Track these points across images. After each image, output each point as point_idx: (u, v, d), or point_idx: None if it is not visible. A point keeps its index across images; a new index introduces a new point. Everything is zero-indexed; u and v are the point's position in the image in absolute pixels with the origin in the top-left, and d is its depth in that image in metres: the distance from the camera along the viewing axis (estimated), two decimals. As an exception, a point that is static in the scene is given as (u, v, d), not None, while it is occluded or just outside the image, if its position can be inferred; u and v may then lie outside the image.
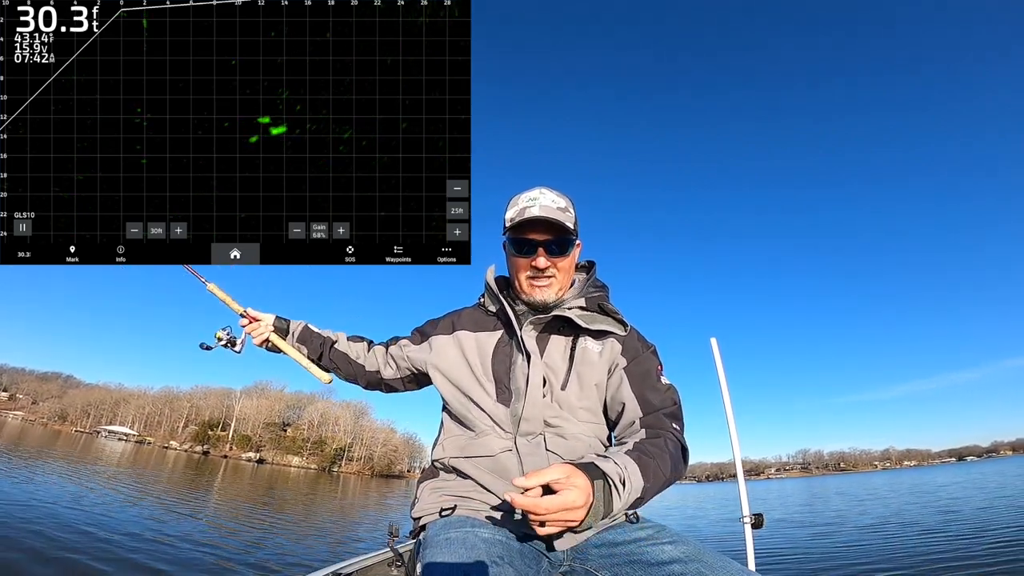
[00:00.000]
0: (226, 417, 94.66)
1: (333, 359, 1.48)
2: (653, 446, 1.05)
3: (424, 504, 1.18)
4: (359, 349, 1.49)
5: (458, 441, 1.20)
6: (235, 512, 12.85)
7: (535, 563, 1.02)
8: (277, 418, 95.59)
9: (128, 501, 11.57)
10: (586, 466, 0.90)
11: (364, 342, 1.51)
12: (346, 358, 1.48)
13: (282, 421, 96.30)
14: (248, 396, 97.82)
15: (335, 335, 1.50)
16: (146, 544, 6.93)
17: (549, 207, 1.20)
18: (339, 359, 1.48)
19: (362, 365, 1.47)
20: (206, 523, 10.21)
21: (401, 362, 1.43)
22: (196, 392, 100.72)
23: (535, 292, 1.23)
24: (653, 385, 1.19)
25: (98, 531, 7.36)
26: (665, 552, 1.01)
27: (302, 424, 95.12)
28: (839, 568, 6.35)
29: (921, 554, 6.76)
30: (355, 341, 1.50)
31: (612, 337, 1.22)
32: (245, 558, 6.93)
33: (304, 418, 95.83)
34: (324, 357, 1.48)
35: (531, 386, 1.15)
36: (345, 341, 1.49)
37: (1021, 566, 5.75)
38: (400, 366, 1.44)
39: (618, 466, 0.93)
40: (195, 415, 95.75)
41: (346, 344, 1.49)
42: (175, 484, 18.54)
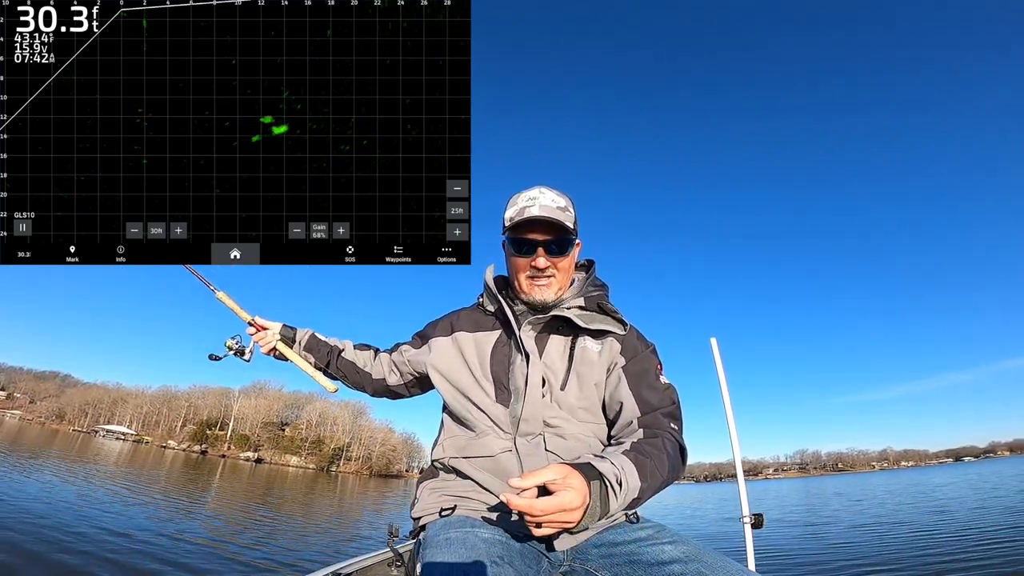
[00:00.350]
0: (224, 417, 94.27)
1: (340, 368, 1.48)
2: (651, 446, 1.04)
3: (424, 504, 1.18)
4: (366, 357, 1.49)
5: (458, 441, 1.20)
6: (233, 511, 12.78)
7: (535, 563, 1.03)
8: (275, 417, 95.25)
9: (125, 501, 11.53)
10: (582, 466, 0.89)
11: (371, 350, 1.51)
12: (353, 366, 1.48)
13: (280, 421, 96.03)
14: (246, 396, 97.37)
15: (342, 343, 1.50)
16: (143, 545, 6.90)
17: (549, 207, 1.20)
18: (346, 368, 1.48)
19: (368, 373, 1.47)
20: (202, 523, 10.17)
21: (403, 367, 1.44)
22: (194, 392, 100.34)
23: (534, 292, 1.22)
24: (651, 384, 1.19)
25: (93, 531, 7.32)
26: (665, 552, 1.01)
27: (300, 424, 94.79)
28: (839, 568, 6.36)
29: (918, 554, 6.78)
30: (362, 349, 1.50)
31: (611, 337, 1.22)
32: (244, 557, 6.91)
33: (302, 418, 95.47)
34: (331, 366, 1.48)
35: (530, 386, 1.15)
36: (352, 349, 1.49)
37: (1017, 566, 5.76)
38: (403, 371, 1.44)
39: (615, 466, 0.92)
40: (193, 415, 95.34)
41: (353, 352, 1.49)
42: (173, 483, 18.44)
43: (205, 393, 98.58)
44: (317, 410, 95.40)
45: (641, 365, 1.21)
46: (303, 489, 25.52)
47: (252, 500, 15.79)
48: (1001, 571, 5.82)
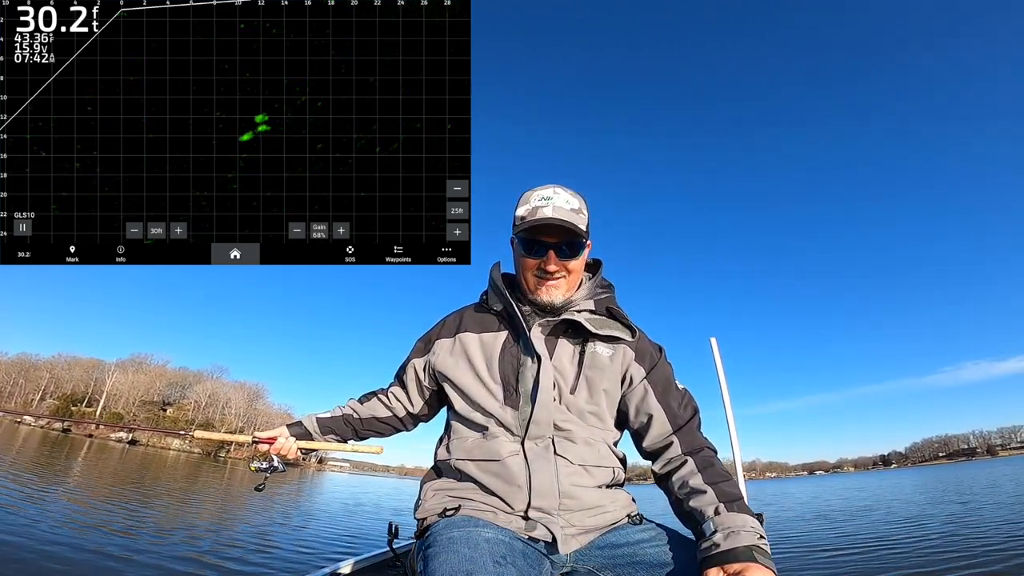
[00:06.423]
0: (94, 392, 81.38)
1: (368, 428, 1.42)
2: (721, 478, 1.09)
3: (428, 505, 1.17)
4: (376, 405, 1.42)
5: (464, 443, 1.19)
6: (92, 498, 9.84)
7: (538, 564, 1.02)
8: (156, 396, 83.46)
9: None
10: (742, 553, 0.91)
11: (374, 396, 1.44)
12: (374, 420, 1.41)
13: (162, 400, 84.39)
14: (122, 370, 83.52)
15: (346, 409, 1.43)
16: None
17: (562, 208, 1.18)
18: (371, 425, 1.41)
19: (392, 414, 1.41)
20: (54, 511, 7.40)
21: (414, 385, 1.37)
22: (58, 361, 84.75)
23: (543, 292, 1.21)
24: (673, 393, 1.21)
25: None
26: (667, 553, 1.01)
27: (187, 404, 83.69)
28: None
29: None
30: (366, 400, 1.44)
31: (623, 343, 1.22)
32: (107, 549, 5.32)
33: (189, 398, 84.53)
34: (359, 432, 1.42)
35: (541, 389, 1.14)
36: (360, 407, 1.43)
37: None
38: (418, 387, 1.38)
39: (750, 531, 0.95)
40: (55, 387, 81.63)
41: (364, 408, 1.42)
42: (25, 463, 15.78)
43: (71, 364, 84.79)
44: (207, 390, 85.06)
45: (663, 374, 1.23)
46: (183, 476, 22.55)
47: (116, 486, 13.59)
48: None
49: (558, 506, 1.07)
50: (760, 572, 0.86)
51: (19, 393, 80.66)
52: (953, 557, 6.33)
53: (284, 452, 1.35)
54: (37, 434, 44.09)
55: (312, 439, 1.38)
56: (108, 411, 77.68)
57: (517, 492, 1.08)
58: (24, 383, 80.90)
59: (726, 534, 0.94)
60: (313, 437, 1.38)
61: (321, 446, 1.39)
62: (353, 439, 1.42)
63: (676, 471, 1.13)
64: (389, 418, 1.40)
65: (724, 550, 0.91)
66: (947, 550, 6.85)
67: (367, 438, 1.44)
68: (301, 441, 1.36)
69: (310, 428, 1.38)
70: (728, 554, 0.91)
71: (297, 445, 1.35)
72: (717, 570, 0.89)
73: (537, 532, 1.05)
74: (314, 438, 1.38)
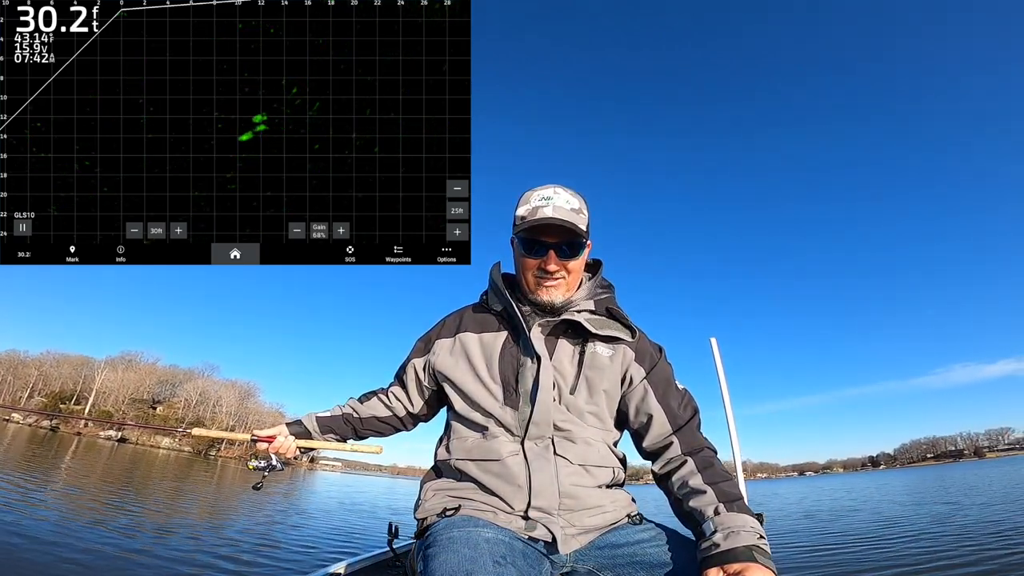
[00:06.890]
0: (83, 390, 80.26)
1: (368, 428, 1.42)
2: (720, 478, 1.09)
3: (428, 505, 1.17)
4: (376, 404, 1.42)
5: (464, 443, 1.19)
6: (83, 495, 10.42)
7: (538, 564, 1.02)
8: (146, 394, 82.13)
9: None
10: (742, 553, 0.91)
11: (374, 396, 1.44)
12: (374, 419, 1.41)
13: (152, 398, 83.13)
14: (112, 367, 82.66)
15: (345, 408, 1.43)
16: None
17: (563, 208, 1.18)
18: (371, 424, 1.41)
19: (392, 414, 1.41)
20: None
21: (414, 384, 1.38)
22: (47, 358, 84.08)
23: (543, 292, 1.21)
24: (673, 393, 1.22)
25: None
26: (666, 553, 1.02)
27: (177, 402, 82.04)
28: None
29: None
30: (366, 399, 1.43)
31: (623, 343, 1.22)
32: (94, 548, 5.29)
33: (180, 396, 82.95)
34: (359, 431, 1.42)
35: (542, 389, 1.14)
36: (360, 406, 1.42)
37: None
38: (418, 387, 1.38)
39: (749, 531, 0.96)
40: (44, 385, 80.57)
41: (364, 408, 1.42)
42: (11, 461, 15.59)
43: (60, 361, 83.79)
44: (198, 388, 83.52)
45: (663, 374, 1.23)
46: (174, 475, 22.07)
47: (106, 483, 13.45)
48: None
49: (558, 506, 1.08)
50: (760, 572, 0.86)
51: (7, 391, 79.05)
52: (936, 556, 6.43)
53: (283, 451, 1.35)
54: (25, 432, 43.60)
55: (311, 438, 1.38)
56: (97, 408, 76.28)
57: (517, 492, 1.08)
58: (12, 380, 79.64)
59: (726, 534, 0.94)
60: (312, 436, 1.38)
61: (320, 445, 1.39)
62: (353, 439, 1.42)
63: (676, 471, 1.14)
64: (389, 418, 1.41)
65: (724, 550, 0.92)
66: (931, 551, 6.95)
67: (367, 438, 1.44)
68: (300, 440, 1.36)
69: (310, 427, 1.38)
70: (728, 554, 0.91)
71: (296, 444, 1.35)
72: (717, 570, 0.89)
73: (537, 532, 1.05)
74: (313, 437, 1.38)
